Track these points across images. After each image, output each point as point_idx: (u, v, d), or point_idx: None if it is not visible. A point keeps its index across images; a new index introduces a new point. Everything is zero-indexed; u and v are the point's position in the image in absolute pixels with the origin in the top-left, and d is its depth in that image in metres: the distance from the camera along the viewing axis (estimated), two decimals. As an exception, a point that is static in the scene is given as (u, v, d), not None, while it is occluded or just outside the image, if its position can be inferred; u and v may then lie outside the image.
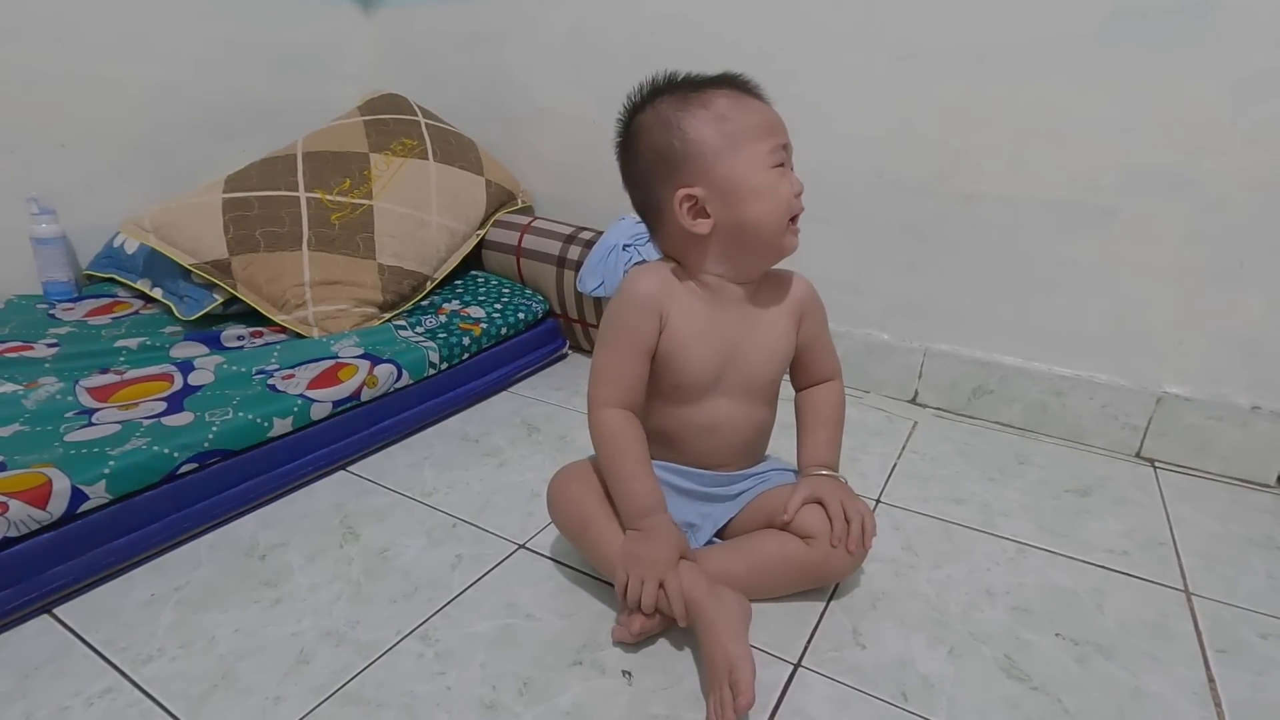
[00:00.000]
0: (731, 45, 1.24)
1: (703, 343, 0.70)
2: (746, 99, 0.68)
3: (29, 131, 1.23)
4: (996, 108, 1.06)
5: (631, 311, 0.69)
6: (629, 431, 0.69)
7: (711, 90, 0.67)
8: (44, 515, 0.68)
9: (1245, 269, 0.96)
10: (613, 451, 0.69)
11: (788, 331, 0.74)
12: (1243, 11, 0.89)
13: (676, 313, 0.69)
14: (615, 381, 0.69)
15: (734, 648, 0.58)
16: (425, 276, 1.32)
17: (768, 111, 0.68)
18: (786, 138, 0.68)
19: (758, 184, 0.65)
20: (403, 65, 1.70)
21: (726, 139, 0.65)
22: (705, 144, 0.65)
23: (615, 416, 0.69)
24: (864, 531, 0.69)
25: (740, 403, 0.73)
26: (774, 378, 0.75)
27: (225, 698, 0.60)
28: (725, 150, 0.65)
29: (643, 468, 0.68)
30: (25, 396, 0.87)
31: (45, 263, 1.24)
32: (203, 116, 1.45)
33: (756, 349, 0.72)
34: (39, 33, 1.21)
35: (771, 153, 0.66)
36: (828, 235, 1.24)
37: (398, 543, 0.81)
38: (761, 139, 0.66)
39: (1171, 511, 0.93)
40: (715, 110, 0.65)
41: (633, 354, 0.69)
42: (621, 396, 0.69)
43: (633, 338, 0.69)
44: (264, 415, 0.87)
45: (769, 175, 0.66)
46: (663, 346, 0.69)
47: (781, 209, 0.66)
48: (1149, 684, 0.64)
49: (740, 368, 0.72)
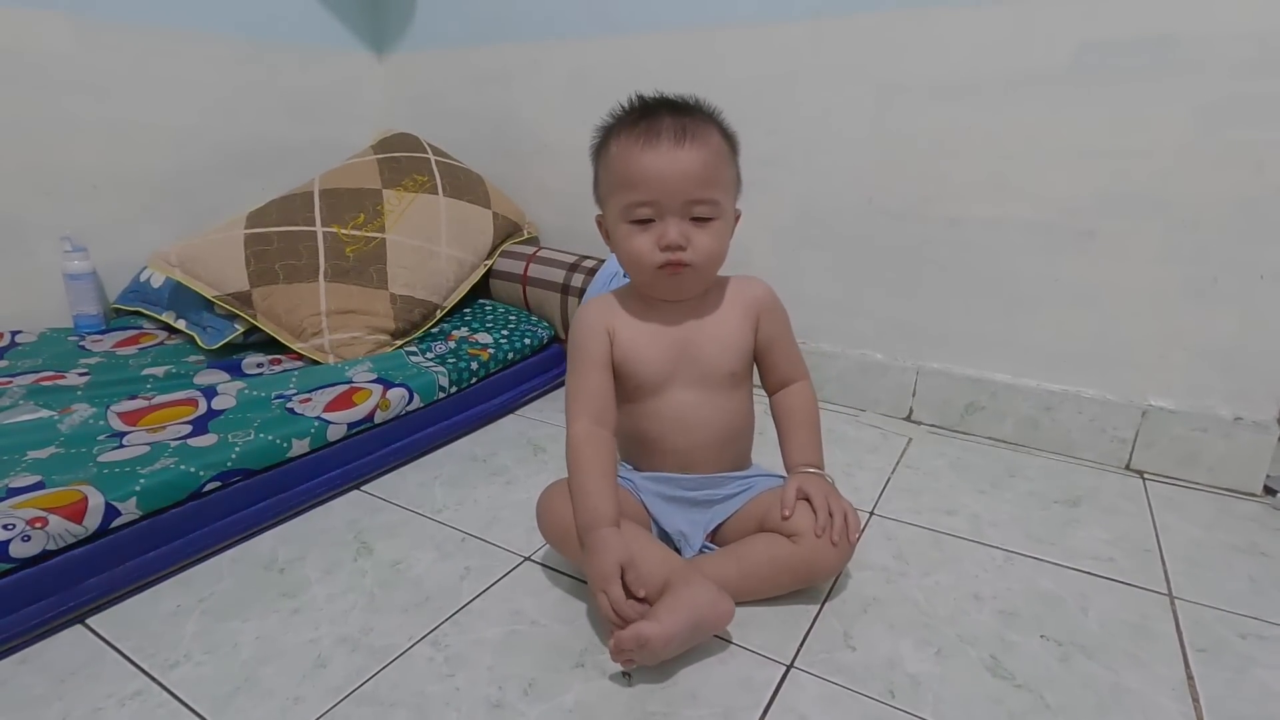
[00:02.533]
0: (724, 83, 1.29)
1: (651, 342, 0.78)
2: (636, 146, 0.71)
3: (65, 175, 1.31)
4: (978, 136, 1.11)
5: (583, 333, 0.78)
6: (589, 448, 0.72)
7: (621, 130, 0.73)
8: (80, 530, 0.73)
9: (1219, 285, 1.00)
10: (573, 467, 0.73)
11: (741, 327, 0.80)
12: (1203, 42, 0.94)
13: (621, 325, 0.78)
14: (581, 396, 0.76)
15: (662, 608, 0.63)
16: (435, 305, 1.38)
17: (649, 159, 0.69)
18: (656, 192, 0.69)
19: (613, 230, 0.75)
20: (414, 106, 1.79)
21: (605, 183, 0.76)
22: (598, 177, 0.77)
23: (580, 432, 0.73)
24: (847, 525, 0.73)
25: (703, 393, 0.79)
26: (732, 368, 0.79)
27: (248, 699, 0.63)
28: (604, 191, 0.76)
29: (597, 482, 0.70)
30: (60, 421, 0.92)
31: (76, 297, 1.31)
32: (225, 157, 1.53)
33: (708, 340, 0.78)
34: (75, 83, 1.30)
35: (627, 207, 0.72)
36: (820, 260, 1.29)
37: (409, 556, 0.85)
38: (622, 191, 0.72)
39: (1158, 520, 0.95)
40: (608, 152, 0.75)
41: (592, 367, 0.77)
42: (589, 408, 0.75)
43: (588, 354, 0.77)
44: (283, 436, 0.92)
45: (623, 227, 0.73)
46: (617, 355, 0.78)
47: (631, 260, 0.74)
48: (1129, 681, 0.67)
49: (694, 358, 0.78)
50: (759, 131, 1.27)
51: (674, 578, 0.67)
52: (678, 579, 0.66)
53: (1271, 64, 0.91)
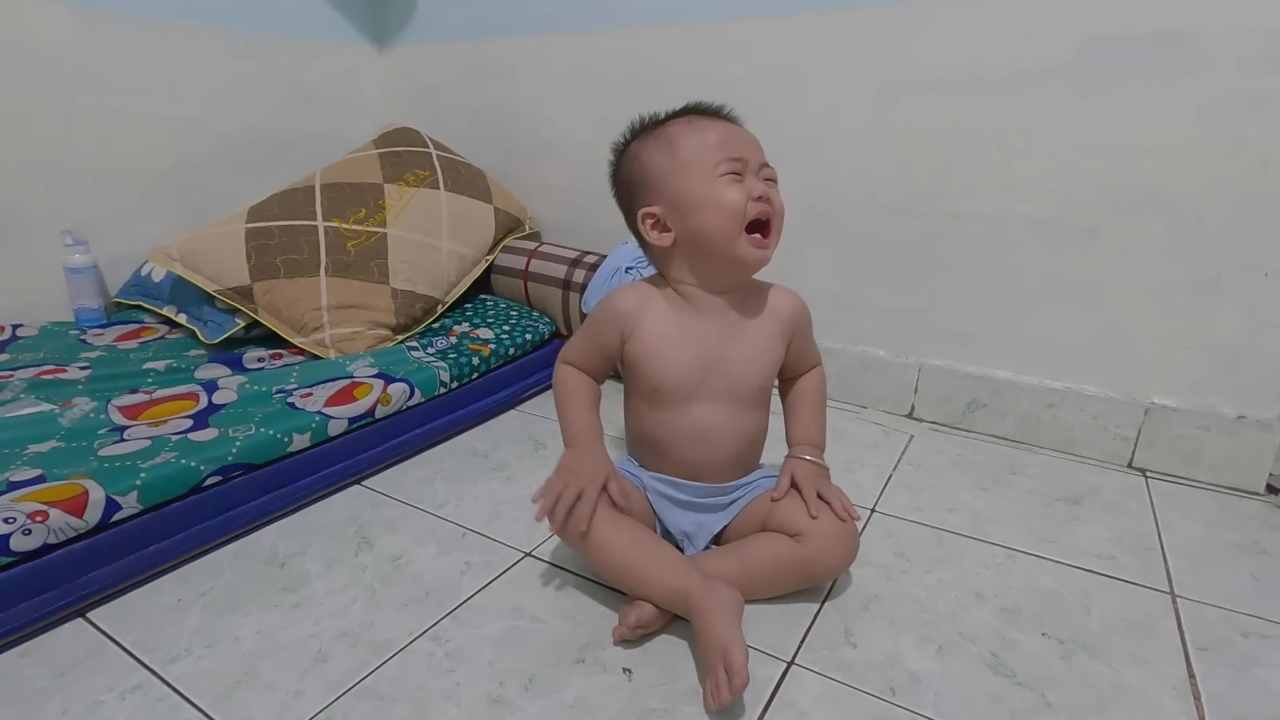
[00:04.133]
0: (727, 76, 1.30)
1: (678, 348, 0.75)
2: (700, 121, 0.74)
3: (65, 168, 1.31)
4: (981, 131, 1.10)
5: (602, 319, 0.79)
6: (576, 381, 0.81)
7: (668, 122, 0.75)
8: (80, 524, 0.73)
9: (1223, 282, 0.99)
10: (561, 394, 0.81)
11: (774, 344, 0.78)
12: (1209, 38, 0.93)
13: (650, 321, 0.76)
14: (578, 353, 0.82)
15: (726, 633, 0.61)
16: (436, 300, 1.37)
17: (721, 128, 0.73)
18: (741, 150, 0.72)
19: (701, 195, 0.71)
20: (415, 100, 1.78)
21: (676, 160, 0.72)
22: (658, 167, 0.74)
23: (569, 370, 0.82)
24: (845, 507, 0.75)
25: (727, 409, 0.77)
26: (761, 384, 0.79)
27: (248, 693, 0.63)
28: (675, 170, 0.72)
29: (583, 407, 0.79)
30: (61, 415, 0.92)
31: (77, 291, 1.30)
32: (226, 151, 1.53)
33: (740, 356, 0.76)
34: (75, 76, 1.30)
35: (718, 164, 0.71)
36: (823, 256, 1.29)
37: (410, 551, 0.85)
38: (708, 153, 0.71)
39: (1160, 518, 0.95)
40: (667, 138, 0.74)
41: (594, 348, 0.80)
42: (580, 363, 0.82)
43: (597, 338, 0.79)
44: (284, 431, 0.92)
45: (714, 185, 0.71)
46: (634, 352, 0.77)
47: (727, 215, 0.70)
48: (1130, 679, 0.67)
49: (724, 373, 0.76)
50: (763, 126, 1.24)
51: (692, 589, 0.66)
52: (696, 592, 0.66)
53: (1278, 60, 0.90)
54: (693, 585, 0.66)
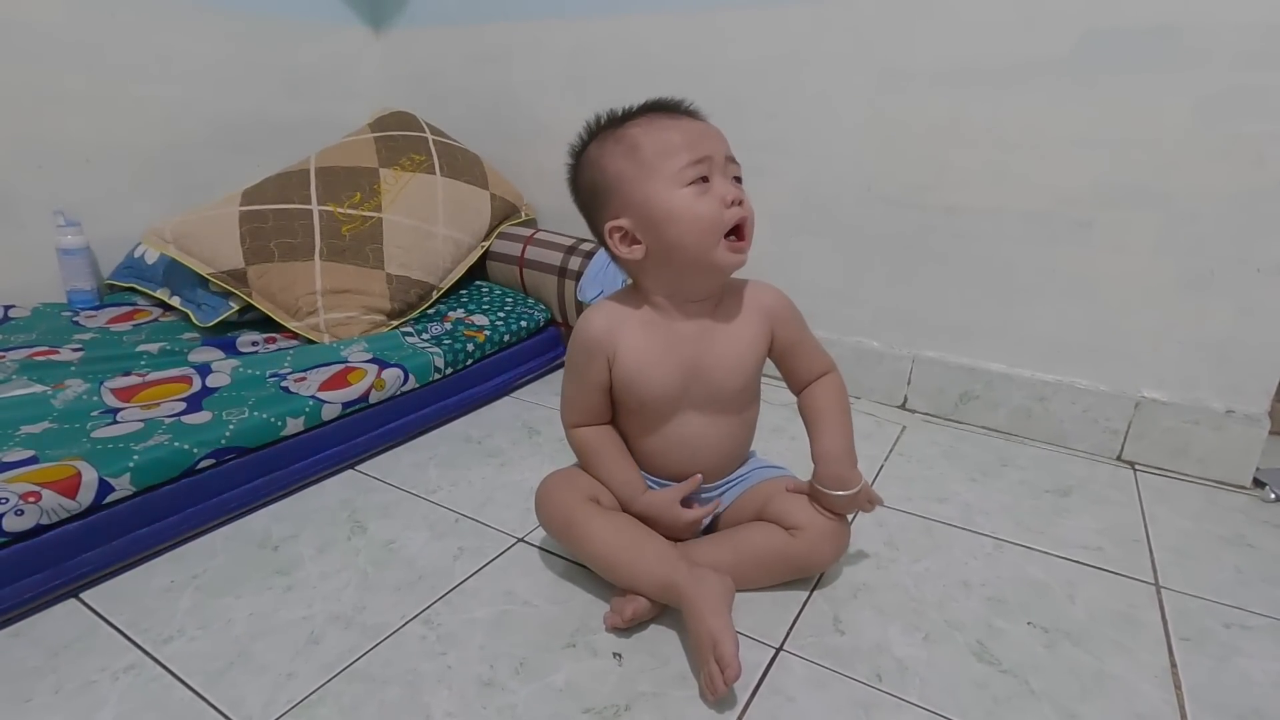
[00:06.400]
0: (724, 64, 1.29)
1: (659, 364, 0.73)
2: (661, 120, 0.69)
3: (58, 148, 1.29)
4: (978, 124, 1.10)
5: (580, 353, 0.75)
6: (591, 439, 0.78)
7: (628, 123, 0.70)
8: (73, 505, 0.73)
9: (1215, 277, 1.00)
10: (587, 459, 0.79)
11: (754, 342, 0.75)
12: (1207, 33, 0.93)
13: (626, 344, 0.73)
14: (578, 408, 0.78)
15: (715, 622, 0.61)
16: (431, 286, 1.37)
17: (683, 126, 0.68)
18: (706, 148, 0.67)
19: (671, 207, 0.67)
20: (411, 84, 1.77)
21: (639, 167, 0.68)
22: (620, 175, 0.69)
23: (580, 433, 0.78)
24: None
25: (713, 415, 0.76)
26: (742, 387, 0.76)
27: (241, 673, 0.64)
28: (639, 178, 0.68)
29: (613, 463, 0.77)
30: (53, 396, 0.92)
31: (70, 272, 1.30)
32: (219, 132, 1.52)
33: (719, 363, 0.74)
34: (68, 55, 1.28)
35: (683, 170, 0.66)
36: (818, 247, 1.29)
37: (402, 536, 0.85)
38: (672, 157, 0.66)
39: (1148, 511, 0.96)
40: (628, 142, 0.69)
41: (587, 388, 0.76)
42: (586, 418, 0.78)
43: (585, 376, 0.75)
44: (277, 415, 0.92)
45: (682, 196, 0.66)
46: (619, 375, 0.74)
47: (700, 228, 0.67)
48: (1113, 668, 0.68)
49: (704, 382, 0.74)
50: (759, 115, 1.27)
51: (679, 580, 0.66)
52: (684, 582, 0.66)
53: (1274, 56, 0.90)
54: (680, 576, 0.67)
